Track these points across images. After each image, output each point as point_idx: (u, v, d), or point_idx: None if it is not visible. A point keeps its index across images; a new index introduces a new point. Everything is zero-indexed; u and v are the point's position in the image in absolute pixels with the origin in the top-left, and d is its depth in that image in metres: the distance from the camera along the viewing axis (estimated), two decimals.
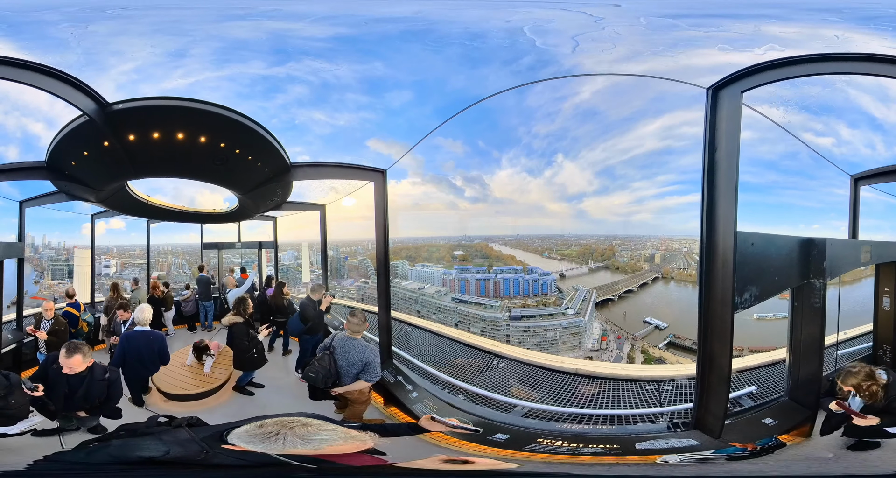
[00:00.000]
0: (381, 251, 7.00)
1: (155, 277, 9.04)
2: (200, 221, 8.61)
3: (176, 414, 5.61)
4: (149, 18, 5.42)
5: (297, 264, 9.48)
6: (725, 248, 3.76)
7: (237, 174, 6.98)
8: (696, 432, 4.55)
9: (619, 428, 5.48)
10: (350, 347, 5.02)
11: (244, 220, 8.78)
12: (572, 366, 6.90)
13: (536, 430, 5.29)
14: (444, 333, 7.94)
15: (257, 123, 5.96)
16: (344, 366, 5.01)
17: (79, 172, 6.45)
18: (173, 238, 9.38)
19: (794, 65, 4.44)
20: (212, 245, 9.23)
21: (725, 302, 3.78)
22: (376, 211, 6.94)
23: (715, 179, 3.94)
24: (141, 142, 5.80)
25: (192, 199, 8.21)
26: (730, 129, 3.99)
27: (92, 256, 8.07)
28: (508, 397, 6.27)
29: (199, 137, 5.88)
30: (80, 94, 5.32)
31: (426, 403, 5.70)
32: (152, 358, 6.10)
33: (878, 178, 5.91)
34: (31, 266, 8.09)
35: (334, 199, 8.24)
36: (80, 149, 5.91)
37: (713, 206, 3.89)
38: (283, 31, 5.64)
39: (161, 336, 6.43)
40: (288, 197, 7.96)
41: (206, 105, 5.60)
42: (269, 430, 3.80)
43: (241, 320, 6.15)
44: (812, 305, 4.29)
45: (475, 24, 6.36)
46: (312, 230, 8.72)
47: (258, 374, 6.46)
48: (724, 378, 4.26)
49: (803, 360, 4.55)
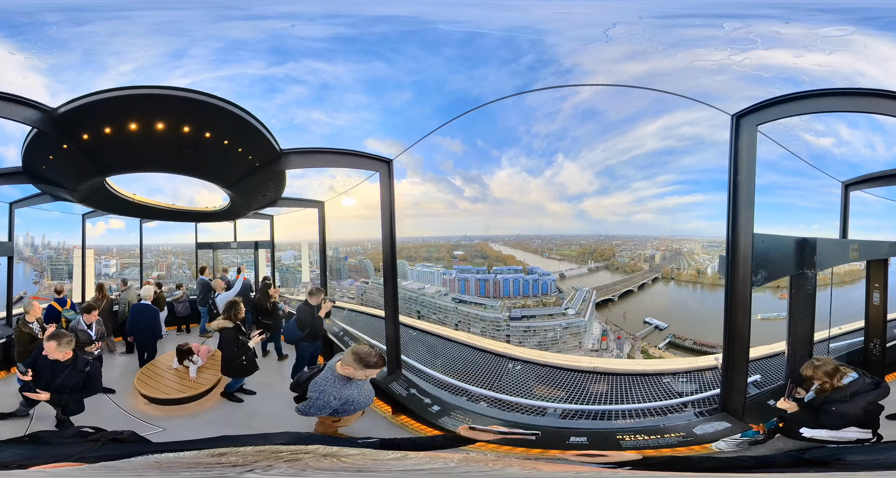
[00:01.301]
0: (388, 250, 6.33)
1: (154, 276, 9.00)
2: (194, 219, 8.46)
3: (157, 419, 5.53)
4: (147, 19, 5.36)
5: (296, 264, 9.46)
6: (746, 244, 4.99)
7: (215, 163, 6.24)
8: (724, 414, 5.11)
9: (652, 421, 5.45)
10: (321, 376, 4.25)
11: (238, 218, 8.58)
12: (589, 364, 6.82)
13: (578, 429, 5.23)
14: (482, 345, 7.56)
15: (232, 103, 5.34)
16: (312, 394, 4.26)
17: (51, 175, 6.28)
18: (172, 238, 9.34)
19: (811, 98, 5.12)
20: (206, 245, 9.13)
21: (746, 281, 4.98)
22: (382, 205, 6.26)
23: (738, 195, 5.09)
24: (95, 139, 5.44)
25: (190, 198, 8.16)
26: (748, 157, 5.07)
27: (83, 255, 8.01)
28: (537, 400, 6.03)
29: (154, 125, 5.28)
30: (21, 106, 5.05)
31: (456, 415, 5.36)
32: (146, 328, 6.70)
33: (866, 183, 6.42)
34: (31, 266, 8.06)
35: (333, 197, 7.97)
36: (46, 153, 5.74)
37: (737, 214, 5.08)
38: (281, 31, 5.60)
39: (154, 310, 6.82)
40: (283, 192, 7.48)
41: (159, 89, 5.07)
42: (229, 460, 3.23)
43: (230, 325, 5.72)
44: (805, 292, 5.35)
45: (474, 23, 6.34)
46: (312, 230, 8.65)
47: (250, 380, 6.09)
48: (744, 346, 5.05)
49: (798, 344, 5.40)
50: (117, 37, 5.53)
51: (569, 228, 7.94)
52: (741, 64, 5.63)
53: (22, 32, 5.43)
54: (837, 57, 5.26)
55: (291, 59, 5.92)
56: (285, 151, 6.22)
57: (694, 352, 7.24)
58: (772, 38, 5.54)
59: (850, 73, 5.21)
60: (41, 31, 5.63)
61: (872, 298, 6.21)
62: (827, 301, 5.91)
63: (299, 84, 6.29)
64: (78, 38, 5.70)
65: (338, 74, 6.23)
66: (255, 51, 5.70)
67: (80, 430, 4.60)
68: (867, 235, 6.40)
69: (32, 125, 5.25)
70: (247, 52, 5.70)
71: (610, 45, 6.14)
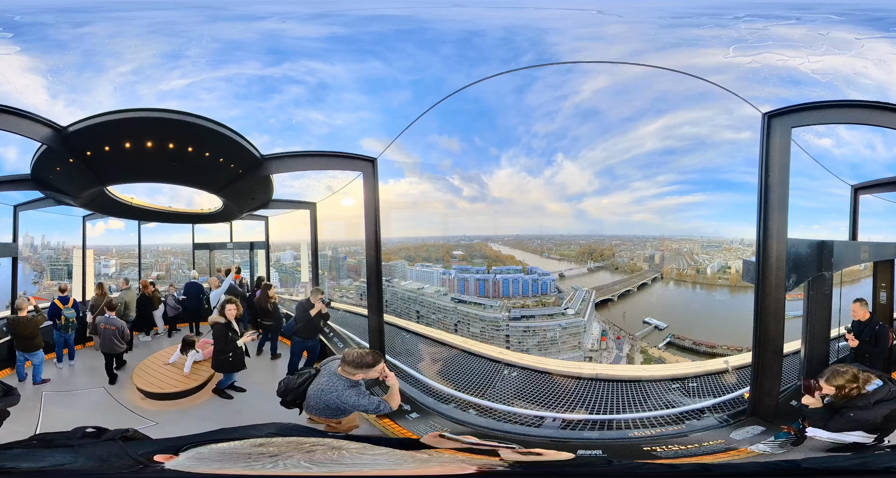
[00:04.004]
0: (372, 252, 6.36)
1: (154, 276, 9.01)
2: (190, 221, 8.72)
3: (150, 413, 5.71)
4: (142, 20, 5.34)
5: (295, 264, 9.45)
6: (780, 249, 4.92)
7: (200, 173, 6.80)
8: (753, 418, 5.03)
9: (678, 429, 5.25)
10: (326, 381, 4.25)
11: (232, 220, 8.81)
12: (591, 371, 6.67)
13: (586, 440, 5.08)
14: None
15: (209, 119, 5.86)
16: (312, 394, 4.30)
17: (57, 183, 6.74)
18: (171, 239, 9.37)
19: (845, 108, 5.13)
20: (203, 245, 9.25)
21: (780, 285, 4.91)
22: (366, 206, 6.27)
23: (769, 199, 4.97)
24: (98, 155, 6.06)
25: (189, 199, 8.20)
26: (781, 160, 4.94)
27: (83, 255, 8.07)
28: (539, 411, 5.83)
29: (145, 142, 5.95)
30: (36, 123, 5.51)
31: (433, 424, 5.30)
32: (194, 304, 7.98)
33: (875, 188, 6.38)
34: (31, 266, 8.08)
35: (326, 197, 8.03)
36: (53, 165, 6.27)
37: (768, 218, 4.98)
38: (276, 32, 5.57)
39: (199, 286, 7.83)
40: (272, 194, 7.71)
41: (148, 112, 5.70)
42: (267, 450, 3.18)
43: (223, 321, 5.84)
44: (823, 293, 5.27)
45: (472, 22, 6.29)
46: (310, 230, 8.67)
47: (242, 378, 6.22)
48: (777, 353, 5.00)
49: (816, 344, 5.34)
50: (115, 38, 5.52)
51: (568, 227, 7.92)
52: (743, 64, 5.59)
53: (22, 33, 5.42)
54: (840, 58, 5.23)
55: (288, 60, 5.89)
56: (266, 157, 6.50)
57: (693, 352, 7.23)
58: (778, 39, 5.49)
59: (850, 75, 5.19)
60: (41, 32, 5.63)
61: (879, 298, 6.29)
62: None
63: (297, 84, 6.27)
64: (77, 39, 5.70)
65: (335, 74, 6.20)
66: (251, 51, 5.68)
67: (84, 431, 4.56)
68: (868, 236, 6.41)
69: (43, 142, 5.72)
70: (243, 53, 5.68)
71: (610, 44, 6.11)
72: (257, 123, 6.49)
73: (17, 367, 6.30)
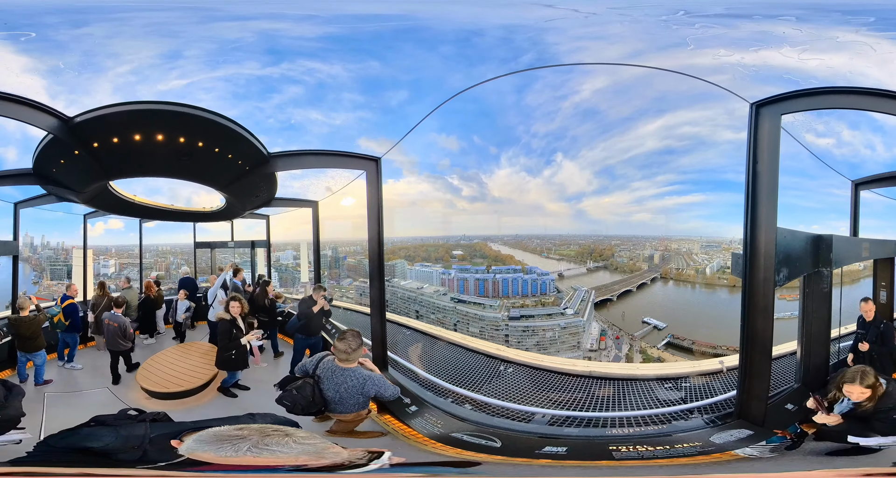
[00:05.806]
0: (375, 252, 6.39)
1: (154, 276, 9.02)
2: (192, 219, 8.66)
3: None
4: (139, 20, 5.35)
5: (295, 264, 9.46)
6: (768, 240, 4.58)
7: (208, 169, 6.80)
8: (740, 421, 4.73)
9: (659, 429, 5.14)
10: (343, 379, 4.31)
11: (234, 218, 8.77)
12: (585, 369, 6.69)
13: (559, 437, 4.97)
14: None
15: (220, 115, 5.86)
16: (335, 397, 4.35)
17: (60, 177, 6.71)
18: (172, 238, 9.37)
19: (833, 94, 4.95)
20: (205, 244, 9.23)
21: (768, 280, 4.57)
22: (369, 205, 6.35)
23: (758, 187, 4.70)
24: (105, 147, 6.04)
25: (188, 198, 8.20)
26: (771, 146, 4.72)
27: (84, 254, 8.09)
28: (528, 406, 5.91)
29: (155, 136, 5.95)
30: (42, 113, 5.48)
31: (429, 418, 5.26)
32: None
33: (876, 183, 6.24)
34: (30, 266, 8.09)
35: (327, 196, 8.06)
36: (57, 158, 6.23)
37: (756, 208, 4.68)
38: (274, 31, 5.57)
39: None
40: (275, 192, 7.71)
41: (160, 105, 5.70)
42: (241, 434, 3.74)
43: (227, 318, 5.91)
44: (821, 291, 5.04)
45: (471, 22, 6.27)
46: (310, 229, 8.67)
47: (245, 376, 6.23)
48: (766, 353, 4.70)
49: (813, 346, 5.13)
50: (114, 39, 5.53)
51: (568, 227, 7.89)
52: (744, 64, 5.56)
53: (22, 34, 5.43)
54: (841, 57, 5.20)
55: (286, 59, 5.89)
56: (273, 154, 6.53)
57: (693, 352, 7.22)
58: (783, 39, 5.46)
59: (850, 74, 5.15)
60: (41, 32, 5.64)
61: (879, 297, 6.21)
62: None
63: (296, 84, 6.26)
64: (76, 40, 5.71)
65: (333, 74, 6.20)
66: (249, 51, 5.68)
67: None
68: (868, 234, 6.37)
69: (49, 131, 5.70)
70: (242, 53, 5.69)
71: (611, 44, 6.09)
72: (256, 123, 6.50)
73: (18, 368, 6.30)
